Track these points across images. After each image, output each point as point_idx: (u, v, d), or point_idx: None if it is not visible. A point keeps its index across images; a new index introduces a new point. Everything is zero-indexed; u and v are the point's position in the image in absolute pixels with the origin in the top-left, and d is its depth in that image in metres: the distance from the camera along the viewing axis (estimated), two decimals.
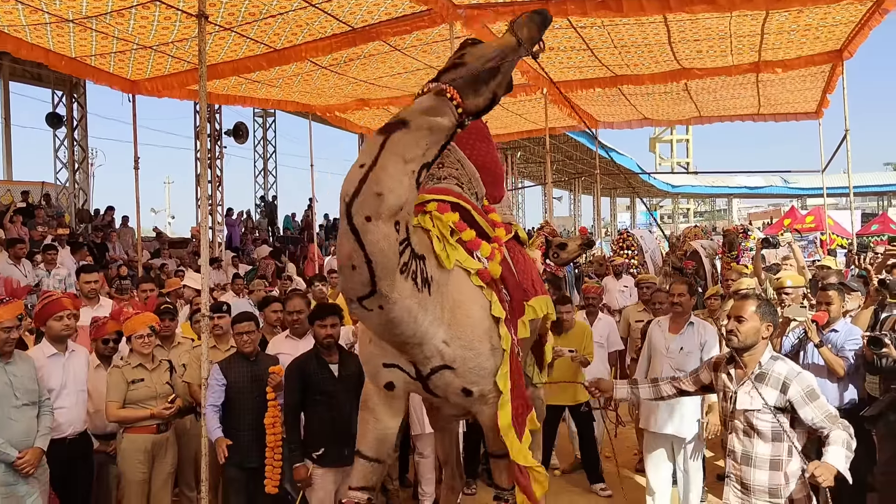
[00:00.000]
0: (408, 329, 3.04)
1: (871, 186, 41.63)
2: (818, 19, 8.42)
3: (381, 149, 2.74)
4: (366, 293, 2.86)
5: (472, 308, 3.26)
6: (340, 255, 2.87)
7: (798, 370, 3.45)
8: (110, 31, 7.80)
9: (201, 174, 5.30)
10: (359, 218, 2.74)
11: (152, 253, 15.16)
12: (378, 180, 2.72)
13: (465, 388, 3.28)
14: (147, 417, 4.86)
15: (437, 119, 2.81)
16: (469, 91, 2.83)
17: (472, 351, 3.21)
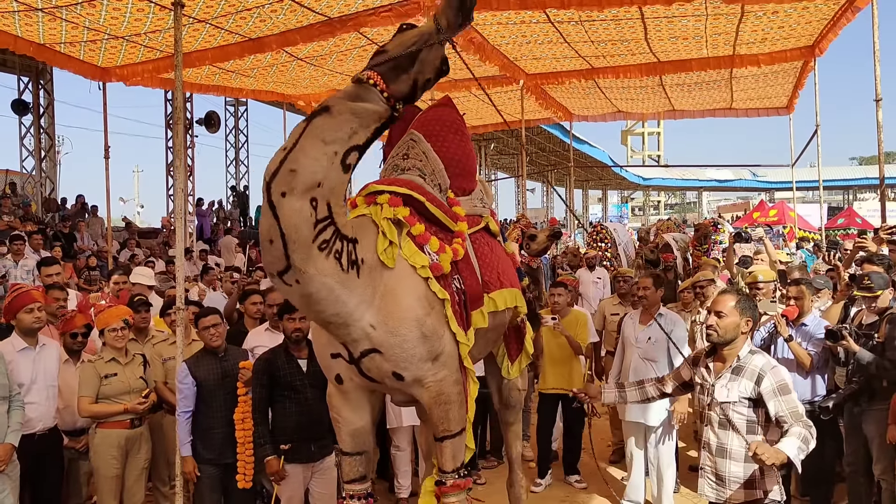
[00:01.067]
0: (329, 307, 3.11)
1: (838, 180, 42.41)
2: (792, 19, 8.54)
3: (301, 133, 2.88)
4: (282, 267, 2.96)
5: (404, 296, 3.31)
6: (261, 230, 2.98)
7: (774, 364, 3.50)
8: (80, 21, 7.64)
9: (176, 165, 5.21)
10: (276, 194, 2.86)
11: (121, 243, 14.93)
12: (295, 159, 2.86)
13: (394, 372, 3.33)
14: (121, 412, 4.78)
15: (361, 105, 2.93)
16: (391, 77, 2.93)
17: (397, 337, 3.26)
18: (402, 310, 3.28)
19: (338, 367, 3.42)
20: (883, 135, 6.89)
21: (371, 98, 2.93)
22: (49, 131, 17.86)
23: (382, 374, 3.36)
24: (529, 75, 11.48)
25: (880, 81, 6.88)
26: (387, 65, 2.93)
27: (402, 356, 3.30)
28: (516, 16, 8.54)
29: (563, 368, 6.16)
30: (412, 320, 3.29)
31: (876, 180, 7.49)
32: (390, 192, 3.46)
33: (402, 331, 3.27)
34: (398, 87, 2.95)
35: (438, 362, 3.40)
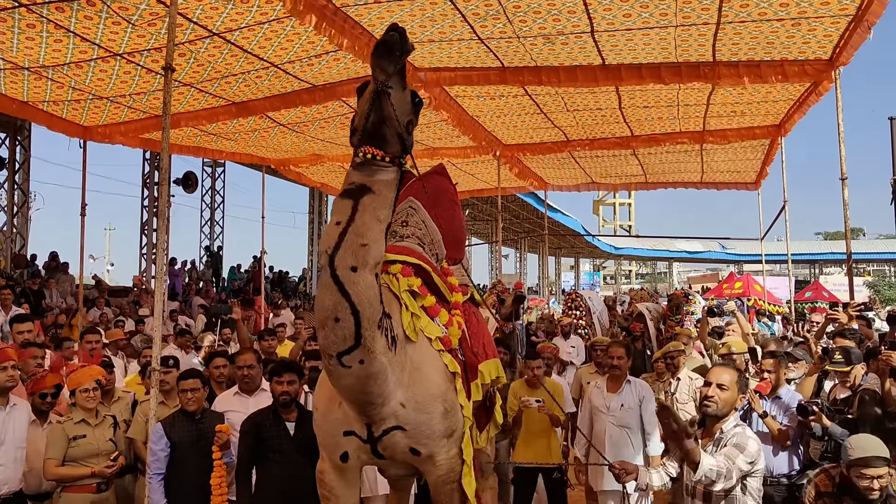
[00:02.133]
0: (378, 387, 3.04)
1: (805, 254, 43.34)
2: (760, 96, 8.90)
3: (353, 210, 2.86)
4: (347, 347, 2.86)
5: (431, 371, 3.28)
6: (322, 308, 2.86)
7: (749, 434, 3.51)
8: (66, 82, 7.72)
9: (159, 224, 5.21)
10: (343, 269, 2.80)
11: (90, 301, 14.67)
12: (360, 232, 2.83)
13: (412, 447, 3.28)
14: (88, 476, 4.65)
15: (382, 176, 2.97)
16: (380, 141, 2.95)
17: (426, 414, 3.22)
18: (432, 385, 3.26)
19: (348, 445, 3.31)
20: (848, 212, 7.11)
21: (380, 171, 2.96)
22: (23, 187, 17.74)
23: (399, 452, 3.30)
24: (506, 146, 11.74)
25: (845, 161, 7.13)
26: (366, 134, 2.93)
27: (425, 433, 3.25)
28: (495, 90, 8.82)
29: (542, 441, 6.06)
30: (438, 396, 3.27)
31: (841, 255, 7.69)
32: (402, 262, 3.49)
33: (430, 407, 3.24)
34: (391, 147, 2.97)
35: (452, 439, 3.37)
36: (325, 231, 2.94)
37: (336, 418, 3.30)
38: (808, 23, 6.51)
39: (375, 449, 3.29)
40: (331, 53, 7.22)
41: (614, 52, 7.43)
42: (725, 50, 7.30)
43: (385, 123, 2.91)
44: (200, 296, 17.99)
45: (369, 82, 3.01)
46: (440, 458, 3.33)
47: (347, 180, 3.01)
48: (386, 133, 2.94)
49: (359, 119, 2.96)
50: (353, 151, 3.03)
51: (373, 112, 2.89)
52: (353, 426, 3.24)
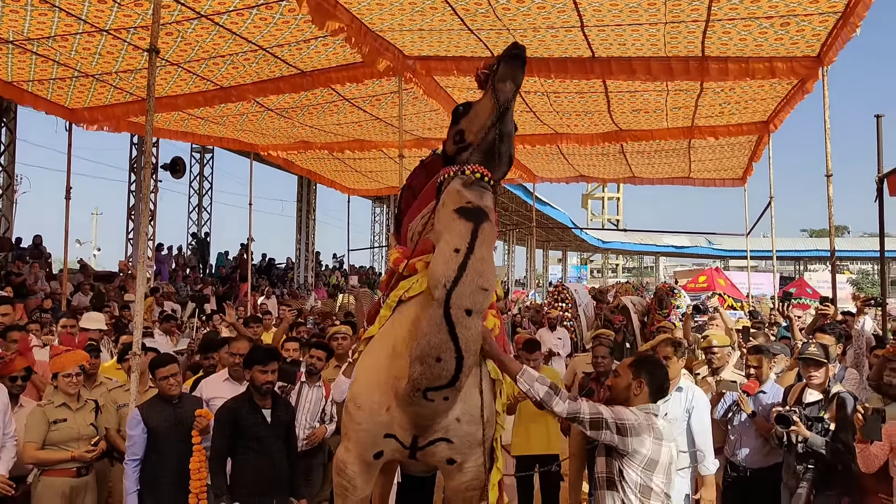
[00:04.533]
0: (447, 415, 3.03)
1: (790, 251, 43.61)
2: (748, 94, 8.93)
3: (473, 237, 2.73)
4: (442, 385, 2.80)
5: (484, 381, 3.20)
6: (426, 344, 2.75)
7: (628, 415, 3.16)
8: (51, 55, 7.63)
9: (143, 210, 5.18)
10: (457, 310, 2.68)
11: (75, 286, 14.58)
12: (482, 273, 2.70)
13: (451, 458, 3.23)
14: (68, 460, 4.62)
15: (490, 199, 2.92)
16: (490, 163, 2.89)
17: (475, 425, 3.17)
18: (486, 395, 3.19)
19: (386, 445, 3.21)
20: (833, 209, 7.16)
21: (486, 195, 2.91)
22: (9, 170, 17.55)
23: (437, 459, 3.24)
24: None
25: (831, 158, 7.19)
26: (481, 150, 2.87)
27: (468, 443, 3.18)
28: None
29: (540, 429, 5.87)
30: (486, 406, 3.20)
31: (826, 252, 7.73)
32: None
33: (479, 418, 3.17)
34: (499, 170, 2.93)
35: (483, 447, 3.28)
36: (440, 255, 2.76)
37: (381, 421, 3.17)
38: (797, 21, 6.54)
39: (413, 455, 3.24)
40: (319, 39, 7.19)
41: (604, 46, 7.44)
42: (714, 48, 7.33)
43: (503, 141, 2.85)
44: (187, 282, 17.93)
45: (469, 103, 2.95)
46: (469, 465, 3.29)
47: (459, 197, 2.87)
48: (501, 151, 2.88)
49: (476, 132, 2.87)
50: (450, 170, 2.93)
51: (495, 128, 2.81)
52: (397, 431, 3.15)
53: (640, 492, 2.96)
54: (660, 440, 2.99)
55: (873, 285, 42.18)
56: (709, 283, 17.75)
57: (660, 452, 2.98)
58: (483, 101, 2.92)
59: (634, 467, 2.96)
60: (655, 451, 2.96)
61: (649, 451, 2.95)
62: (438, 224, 2.98)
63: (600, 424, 2.96)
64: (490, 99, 2.85)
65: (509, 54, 2.80)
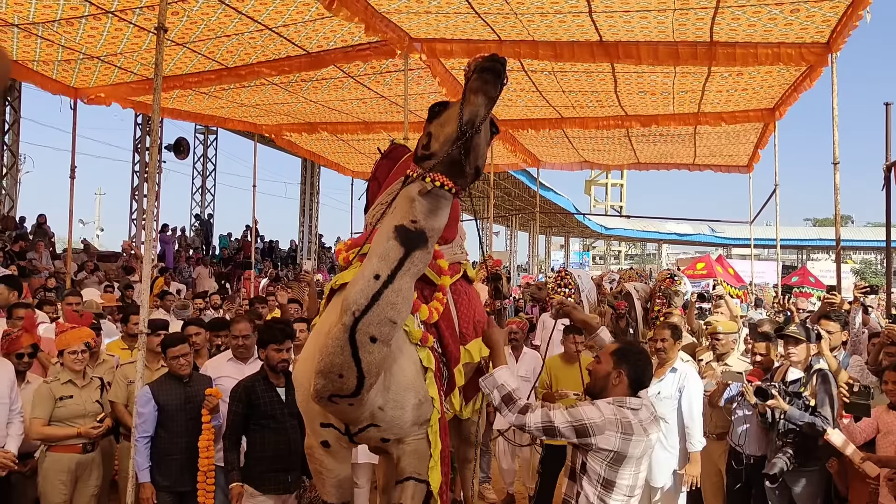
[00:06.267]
0: (362, 411, 3.12)
1: (793, 240, 43.54)
2: (756, 81, 8.89)
3: (399, 265, 2.74)
4: (344, 395, 2.90)
5: (406, 364, 3.32)
6: (329, 362, 2.82)
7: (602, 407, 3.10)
8: (56, 39, 7.62)
9: (149, 190, 5.18)
10: (363, 336, 2.75)
11: (78, 265, 14.63)
12: (394, 305, 2.74)
13: (384, 437, 3.37)
14: (74, 436, 4.66)
15: (443, 217, 2.85)
16: (455, 175, 2.76)
17: (401, 409, 3.27)
18: (406, 379, 3.28)
19: (327, 434, 3.37)
20: (839, 197, 7.14)
21: (443, 208, 2.83)
22: (13, 149, 17.55)
23: (373, 441, 3.40)
24: (500, 121, 11.70)
25: (838, 146, 7.15)
26: (447, 162, 2.72)
27: (397, 425, 3.30)
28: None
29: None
30: (411, 388, 3.30)
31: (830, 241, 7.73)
32: None
33: (404, 401, 3.26)
34: (464, 180, 2.81)
35: (424, 426, 3.42)
36: (358, 280, 2.77)
37: (315, 410, 3.32)
38: (807, 7, 6.49)
39: (352, 439, 3.39)
40: (326, 17, 7.15)
41: (612, 31, 7.40)
42: (723, 33, 7.28)
43: (470, 154, 2.71)
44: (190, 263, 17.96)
45: (446, 102, 2.84)
46: (409, 440, 3.42)
47: (409, 210, 2.79)
48: (466, 165, 2.74)
49: (442, 142, 2.73)
50: (416, 170, 2.83)
51: (459, 140, 2.67)
52: (332, 420, 3.31)
53: (601, 484, 2.91)
54: (629, 435, 2.89)
55: (876, 275, 42.16)
56: (707, 269, 17.72)
57: (628, 447, 2.89)
58: (455, 108, 2.72)
59: (599, 461, 2.91)
60: (623, 446, 2.88)
61: (615, 447, 2.88)
62: (378, 233, 2.97)
63: (553, 432, 2.92)
64: (459, 109, 2.66)
65: (483, 66, 2.62)
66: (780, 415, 4.57)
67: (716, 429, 5.44)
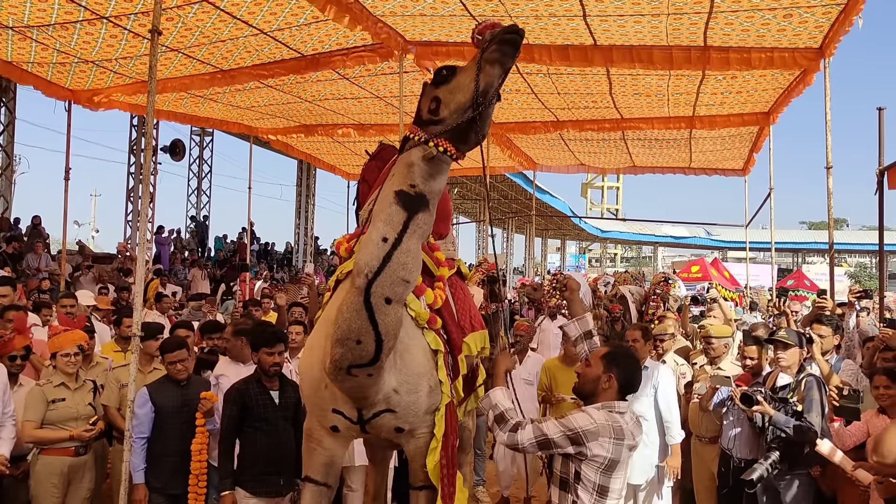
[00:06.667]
0: (377, 387, 3.08)
1: (788, 243, 43.67)
2: (749, 84, 8.92)
3: (404, 228, 2.76)
4: (363, 363, 2.87)
5: (416, 350, 3.31)
6: (346, 328, 2.81)
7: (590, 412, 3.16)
8: (51, 44, 7.61)
9: (142, 192, 5.18)
10: (377, 298, 2.75)
11: (74, 267, 14.60)
12: (405, 265, 2.75)
13: (398, 427, 3.32)
14: (66, 439, 4.66)
15: (442, 180, 2.86)
16: (459, 142, 2.79)
17: (416, 394, 3.25)
18: (418, 365, 3.27)
19: (336, 420, 3.32)
20: (833, 201, 7.17)
21: (442, 172, 2.84)
22: (7, 150, 17.50)
23: (386, 430, 3.34)
24: (496, 124, 11.71)
25: (831, 150, 7.18)
26: (455, 130, 2.74)
27: (413, 411, 3.27)
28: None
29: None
30: (424, 375, 3.29)
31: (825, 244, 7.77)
32: None
33: (419, 387, 3.26)
34: (467, 146, 2.82)
35: (434, 415, 3.39)
36: (366, 244, 2.78)
37: (324, 396, 3.29)
38: (800, 13, 6.52)
39: (364, 429, 3.33)
40: (321, 21, 7.16)
41: (606, 35, 7.42)
42: (717, 38, 7.31)
43: (478, 123, 2.70)
44: (186, 265, 17.94)
45: (454, 67, 2.81)
46: (421, 432, 3.38)
47: (407, 175, 2.80)
48: (471, 133, 2.74)
49: (453, 110, 2.72)
50: (418, 133, 2.82)
51: (473, 110, 2.67)
52: (342, 407, 3.25)
53: (597, 492, 2.93)
54: (621, 440, 2.93)
55: (871, 278, 42.26)
56: (702, 273, 17.75)
57: (621, 452, 2.93)
58: (467, 75, 2.72)
59: (594, 469, 2.92)
60: (616, 452, 2.92)
61: (609, 453, 2.91)
62: (378, 200, 2.99)
63: (548, 444, 2.94)
64: (473, 79, 2.66)
65: (503, 38, 2.63)
66: (768, 420, 4.58)
67: (707, 432, 5.45)
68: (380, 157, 4.14)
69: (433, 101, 2.83)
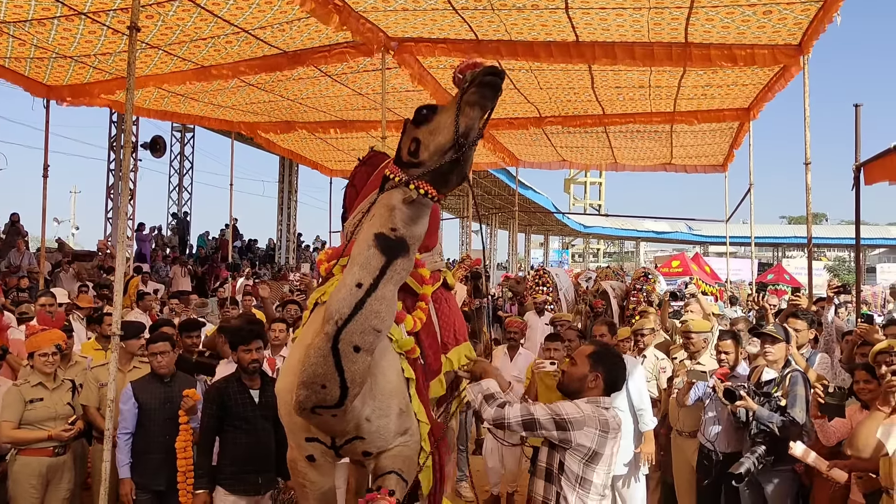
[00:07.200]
0: (347, 423, 3.06)
1: (769, 237, 44.00)
2: (730, 80, 8.98)
3: (381, 273, 2.71)
4: (327, 406, 2.85)
5: (391, 372, 3.28)
6: (311, 373, 2.78)
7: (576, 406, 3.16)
8: (28, 39, 7.52)
9: (122, 189, 5.14)
10: (346, 345, 2.71)
11: (53, 265, 14.43)
12: (378, 314, 2.71)
13: (365, 451, 3.31)
14: (44, 439, 4.62)
15: (424, 224, 2.82)
16: (440, 184, 2.75)
17: (386, 418, 3.23)
18: (391, 385, 3.24)
19: (312, 449, 3.29)
20: (811, 196, 7.24)
21: (423, 216, 2.81)
22: None
23: (354, 454, 3.35)
24: None
25: (810, 146, 7.25)
26: (436, 173, 2.70)
27: (382, 437, 3.24)
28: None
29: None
30: (395, 395, 3.25)
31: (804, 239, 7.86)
32: None
33: (388, 409, 3.22)
34: (448, 188, 2.80)
35: (406, 435, 3.37)
36: (340, 288, 2.73)
37: (298, 424, 3.24)
38: (779, 9, 6.57)
39: (338, 453, 3.34)
40: (302, 20, 7.12)
41: (588, 29, 7.43)
42: (697, 34, 7.35)
43: (459, 166, 2.68)
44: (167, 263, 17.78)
45: (434, 107, 2.79)
46: (387, 454, 3.35)
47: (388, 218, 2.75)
48: (452, 175, 2.72)
49: (433, 152, 2.68)
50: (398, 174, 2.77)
51: (453, 152, 2.63)
52: (316, 434, 3.24)
53: (578, 484, 2.93)
54: (606, 433, 2.95)
55: (849, 272, 42.75)
56: (683, 268, 17.85)
57: (605, 445, 2.95)
58: (447, 116, 2.67)
59: (577, 460, 2.93)
60: (601, 444, 2.93)
61: (593, 444, 2.92)
62: (357, 241, 2.92)
63: (533, 425, 2.93)
64: (454, 121, 2.62)
65: (482, 80, 2.57)
66: (751, 415, 4.62)
67: (687, 426, 5.49)
68: (370, 163, 4.10)
69: (413, 142, 2.79)
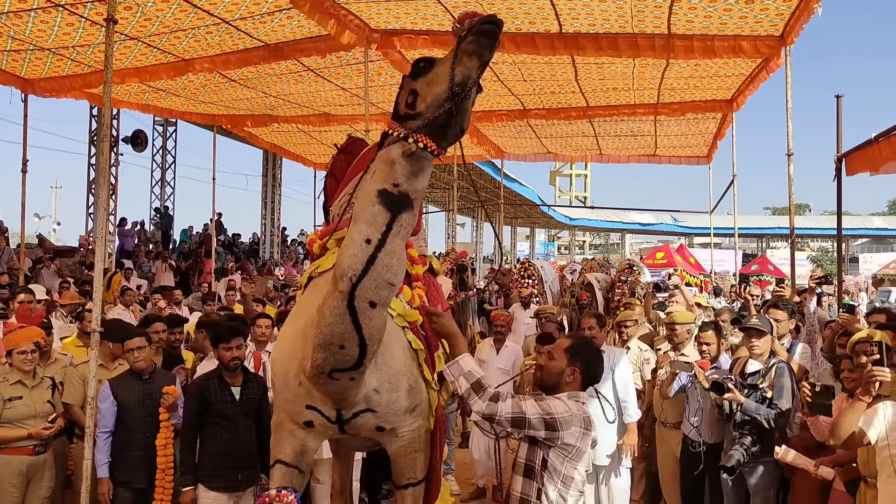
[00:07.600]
0: (359, 389, 3.03)
1: (753, 228, 44.33)
2: (713, 71, 9.00)
3: (388, 229, 2.68)
4: (345, 367, 2.81)
5: (397, 349, 3.25)
6: (329, 333, 2.74)
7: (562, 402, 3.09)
8: (5, 31, 7.40)
9: (102, 184, 5.07)
10: (362, 302, 2.68)
11: (34, 261, 14.28)
12: (390, 267, 2.68)
13: (379, 426, 3.26)
14: (24, 437, 4.56)
15: (426, 177, 2.78)
16: (439, 137, 2.68)
17: (396, 393, 3.20)
18: (398, 363, 3.21)
19: (312, 416, 3.22)
20: (794, 187, 7.28)
21: (425, 170, 2.76)
22: None
23: (365, 430, 3.27)
24: None
25: (792, 137, 7.29)
26: (434, 124, 2.63)
27: (393, 411, 3.22)
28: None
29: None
30: (404, 373, 3.23)
31: (787, 229, 7.90)
32: None
33: (399, 385, 3.20)
34: (447, 142, 2.72)
35: (416, 412, 3.35)
36: (349, 245, 2.69)
37: (298, 393, 3.19)
38: (762, 1, 6.57)
39: (342, 429, 3.25)
40: (284, 11, 7.05)
41: (571, 15, 7.38)
42: (680, 25, 7.35)
43: (457, 117, 2.62)
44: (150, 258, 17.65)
45: (432, 59, 2.73)
46: (402, 431, 3.34)
47: (389, 173, 2.71)
48: (450, 128, 2.65)
49: (430, 103, 2.62)
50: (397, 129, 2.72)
51: (450, 102, 2.57)
52: (318, 405, 3.16)
53: (561, 481, 2.90)
54: (588, 430, 2.93)
55: (832, 262, 43.14)
56: (667, 259, 17.94)
57: (587, 442, 2.93)
58: (445, 67, 2.61)
59: (561, 458, 2.89)
60: (584, 442, 2.92)
61: (578, 442, 2.90)
62: (359, 198, 2.86)
63: (522, 423, 2.87)
64: (450, 70, 2.56)
65: (480, 29, 2.51)
66: (737, 407, 4.64)
67: (671, 417, 5.51)
68: (348, 151, 4.06)
69: (411, 94, 2.74)
